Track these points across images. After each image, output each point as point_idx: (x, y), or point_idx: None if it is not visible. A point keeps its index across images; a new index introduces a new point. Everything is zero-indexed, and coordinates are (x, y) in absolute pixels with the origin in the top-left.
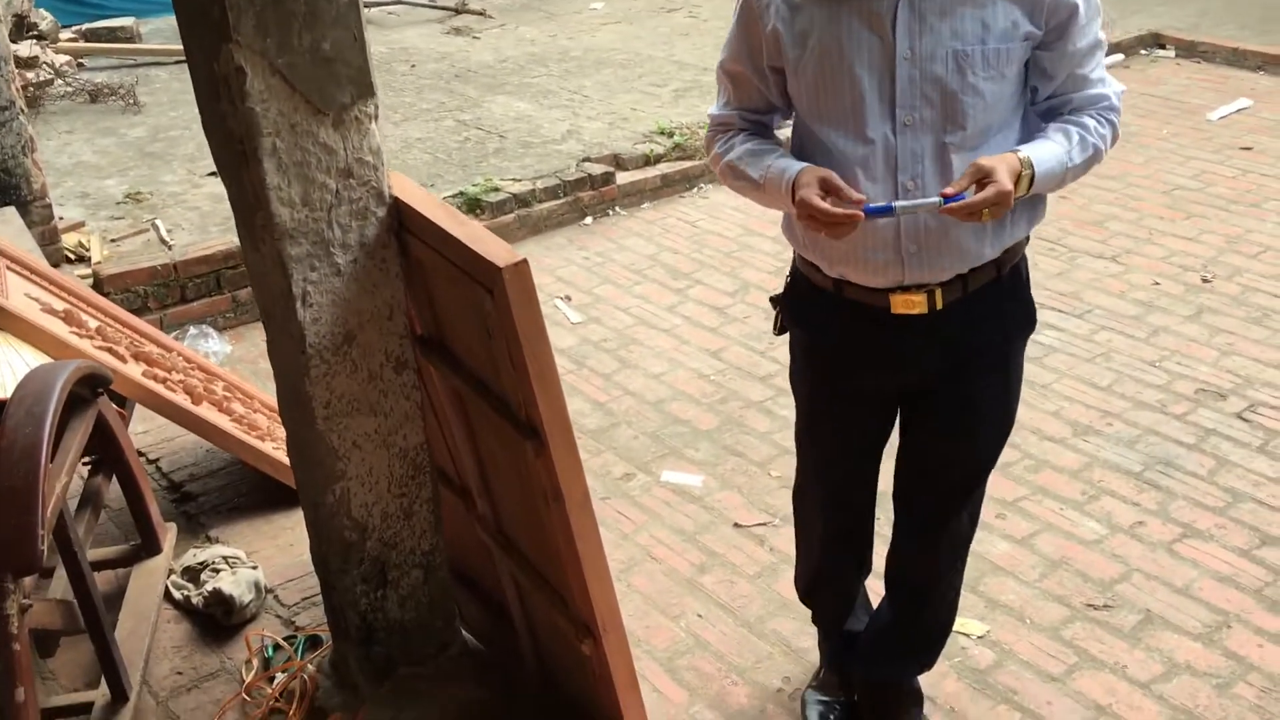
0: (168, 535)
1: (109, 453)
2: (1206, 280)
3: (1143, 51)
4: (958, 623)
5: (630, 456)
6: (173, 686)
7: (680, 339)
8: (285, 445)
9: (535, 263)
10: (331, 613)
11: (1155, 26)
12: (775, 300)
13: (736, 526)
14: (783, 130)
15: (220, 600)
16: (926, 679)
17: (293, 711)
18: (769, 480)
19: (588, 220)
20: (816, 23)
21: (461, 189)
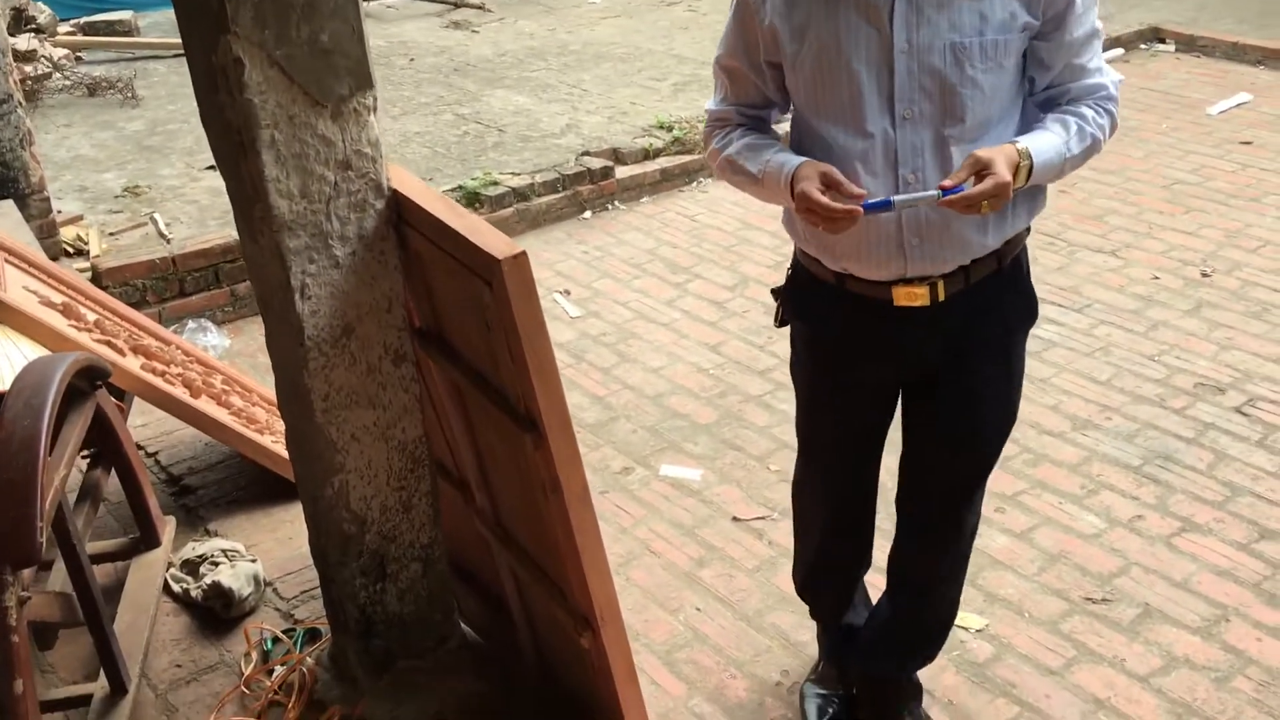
0: (167, 528)
1: (108, 446)
2: (1206, 275)
3: (1142, 46)
4: (957, 616)
5: (629, 450)
6: (172, 679)
7: (679, 333)
8: (284, 438)
9: (534, 257)
10: (330, 606)
11: (1155, 21)
12: (777, 293)
13: (735, 520)
14: (780, 125)
15: (219, 593)
16: (925, 672)
17: (291, 704)
18: (768, 474)
19: (587, 214)
20: (814, 17)
21: (460, 183)
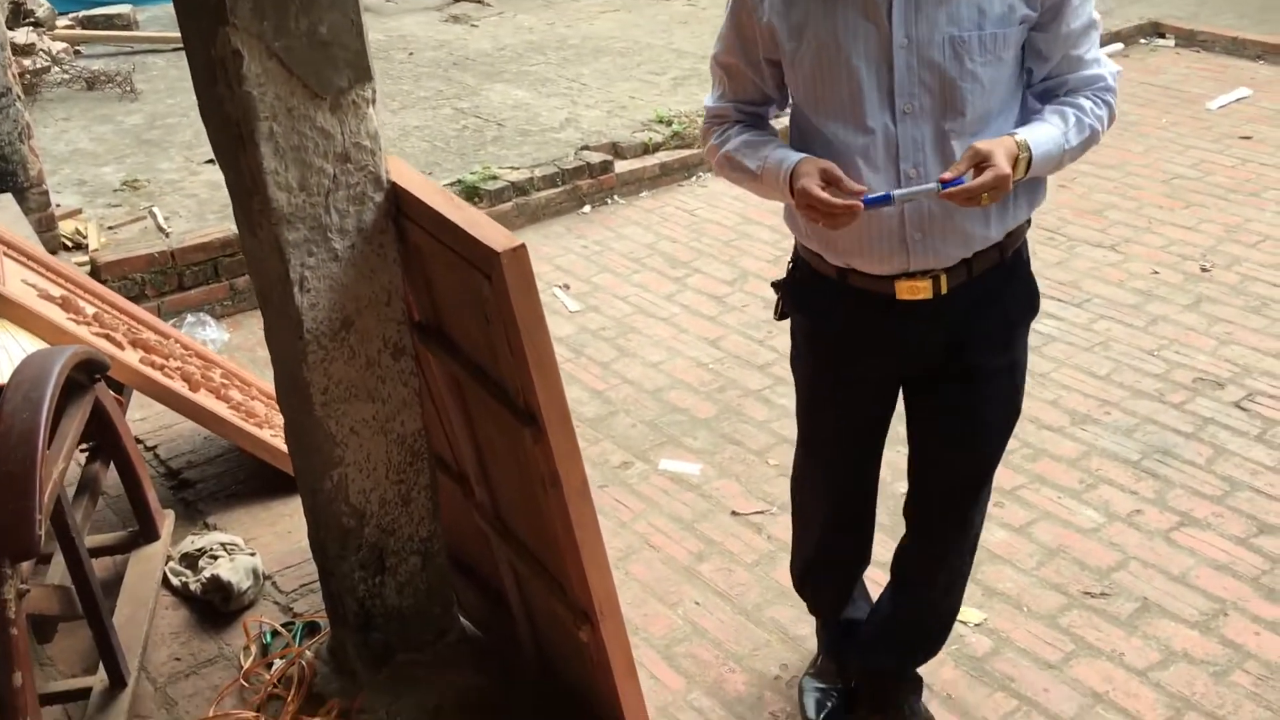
0: (166, 522)
1: (106, 439)
2: (1205, 269)
3: (1142, 40)
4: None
5: (628, 445)
6: (171, 672)
7: (678, 327)
8: (283, 432)
9: (533, 251)
10: (329, 599)
11: (1155, 15)
12: (777, 286)
13: (734, 515)
14: (778, 120)
15: (218, 587)
16: (924, 666)
17: (291, 698)
18: (767, 469)
19: (586, 209)
20: (812, 15)
21: (460, 177)
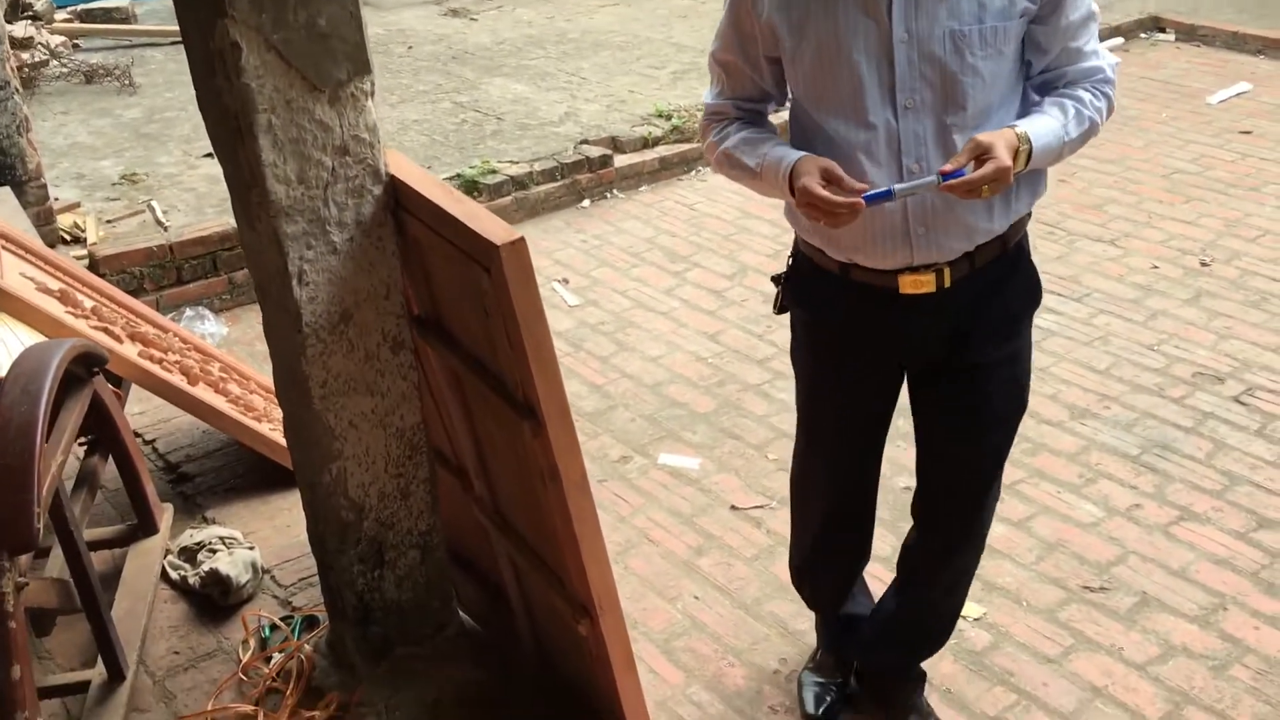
0: (164, 515)
1: (105, 432)
2: (1205, 264)
3: (1142, 35)
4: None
5: (627, 439)
6: (169, 666)
7: (678, 322)
8: (282, 426)
9: (532, 245)
10: (328, 593)
11: (1155, 10)
12: (777, 279)
13: (734, 509)
14: (777, 116)
15: (217, 580)
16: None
17: (290, 691)
18: (766, 463)
19: (585, 203)
20: (812, 12)
21: (459, 171)
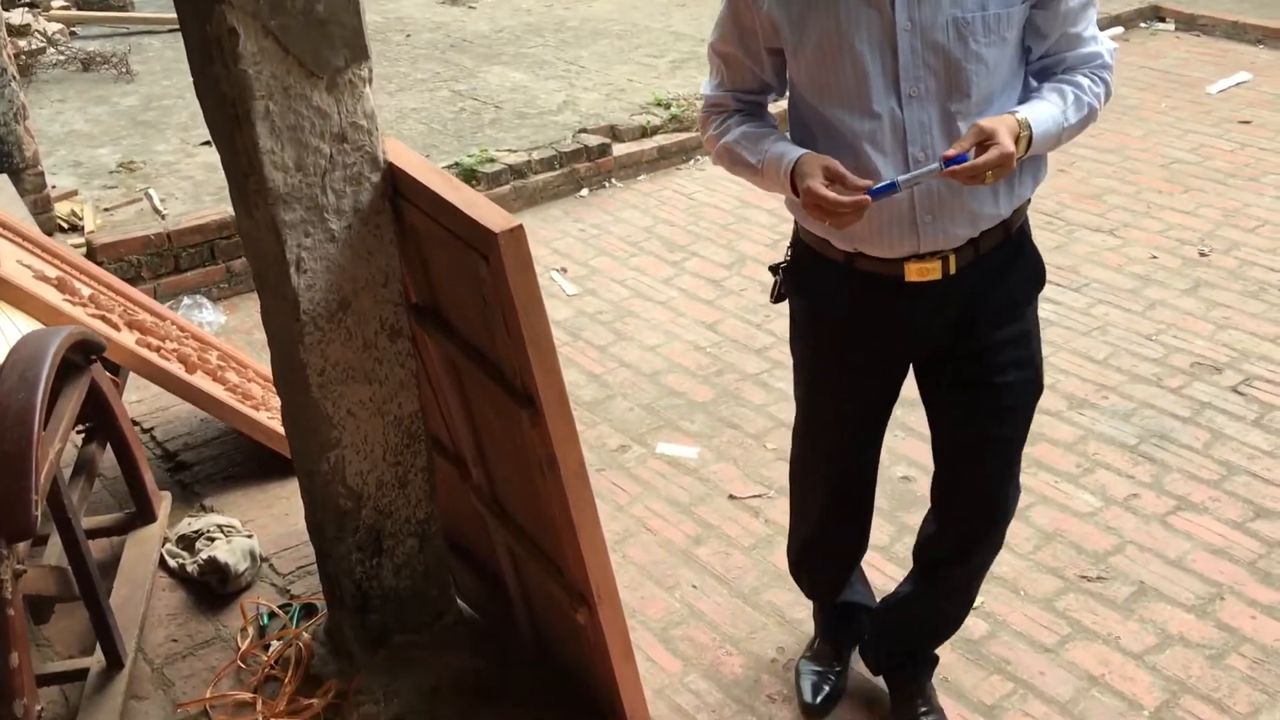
0: (162, 504)
1: (103, 420)
2: (1204, 254)
3: (1142, 24)
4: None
5: (625, 428)
6: (168, 654)
7: (676, 311)
8: (280, 414)
9: (531, 234)
10: (326, 581)
11: None
12: (775, 269)
13: (731, 498)
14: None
15: (215, 568)
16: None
17: (288, 679)
18: (764, 452)
19: (584, 192)
20: (814, 4)
21: (457, 160)
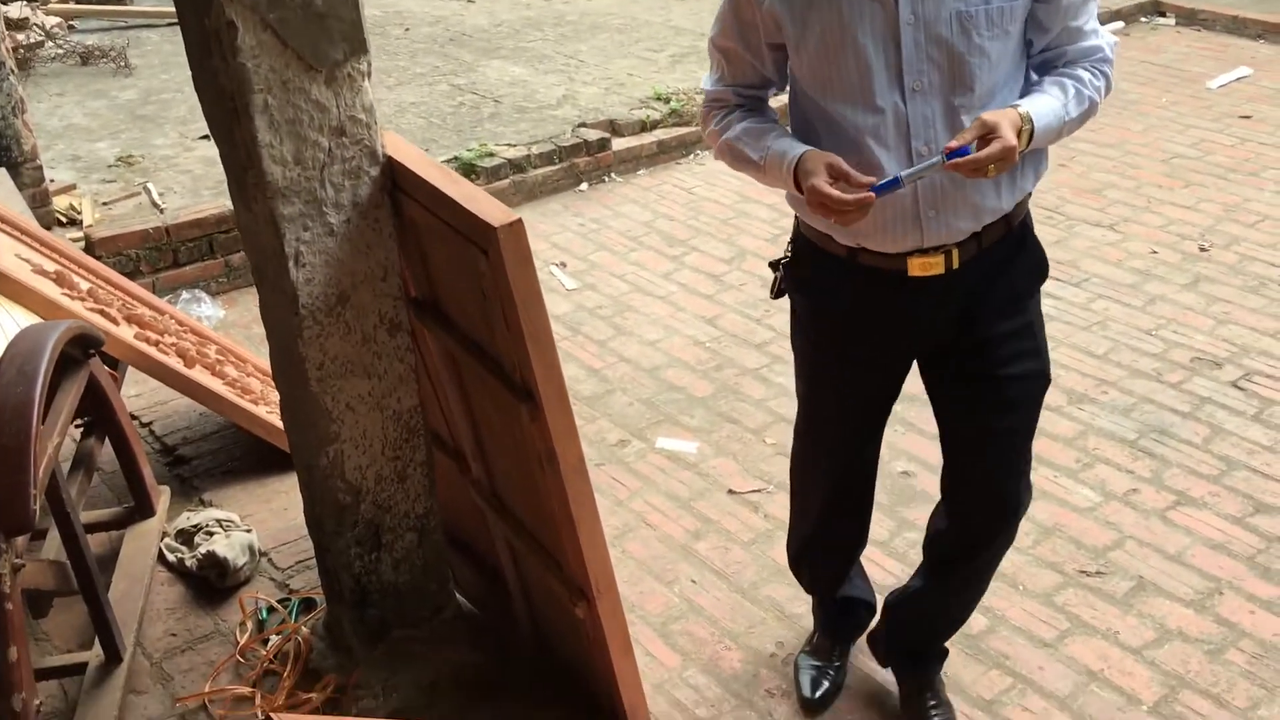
0: (161, 498)
1: (101, 414)
2: (1204, 249)
3: (1143, 19)
4: None
5: (625, 423)
6: (166, 648)
7: (676, 306)
8: (279, 408)
9: (530, 228)
10: (325, 575)
11: None
12: (775, 265)
13: (731, 493)
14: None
15: (214, 563)
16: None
17: (287, 673)
18: (764, 447)
19: (583, 186)
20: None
21: (456, 154)
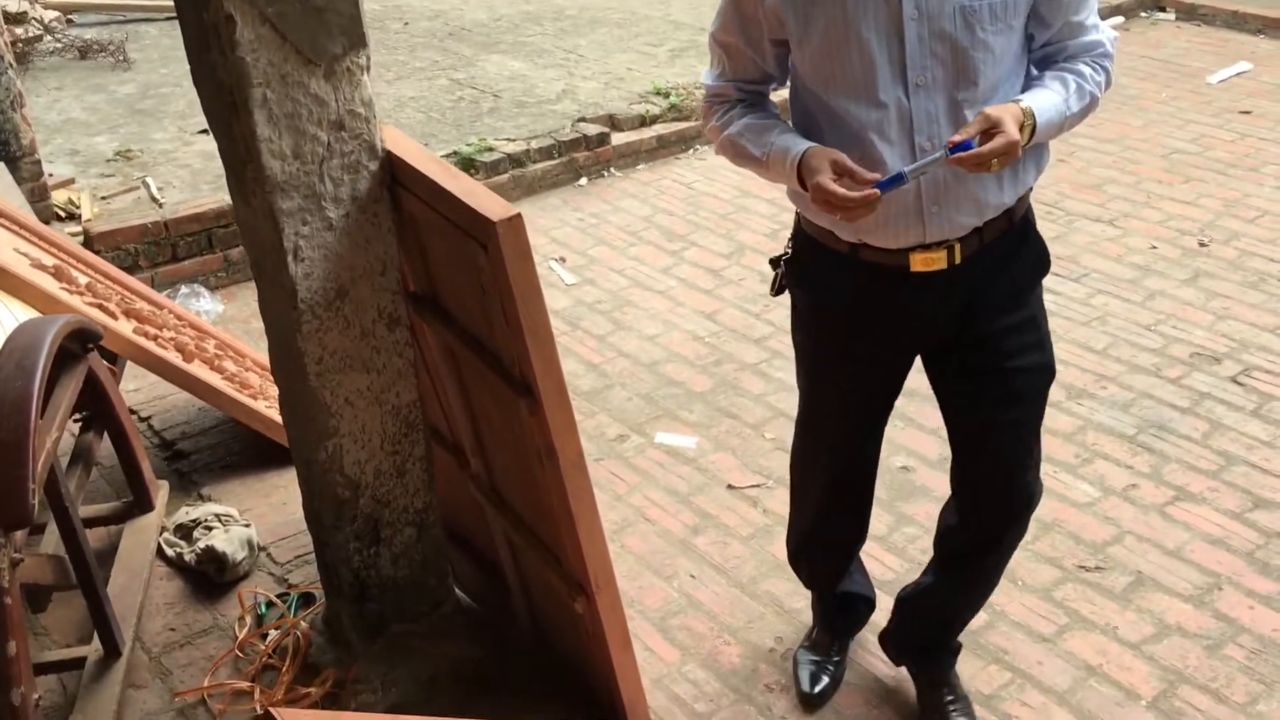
0: (160, 493)
1: (100, 409)
2: (1203, 244)
3: (1143, 14)
4: None
5: (624, 418)
6: (165, 642)
7: (675, 301)
8: (278, 403)
9: (529, 223)
10: (324, 570)
11: None
12: (775, 262)
13: (730, 488)
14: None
15: (213, 557)
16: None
17: (286, 668)
18: (763, 442)
19: (583, 181)
20: None
21: (455, 149)
